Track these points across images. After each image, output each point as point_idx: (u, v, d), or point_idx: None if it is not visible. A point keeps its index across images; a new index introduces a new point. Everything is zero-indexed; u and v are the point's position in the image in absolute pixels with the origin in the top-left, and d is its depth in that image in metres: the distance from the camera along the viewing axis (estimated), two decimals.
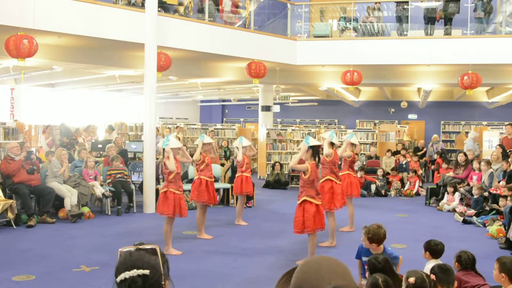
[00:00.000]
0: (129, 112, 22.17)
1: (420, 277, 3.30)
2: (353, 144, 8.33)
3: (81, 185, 9.16)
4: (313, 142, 6.13)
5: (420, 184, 13.03)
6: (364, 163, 13.73)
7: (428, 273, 3.70)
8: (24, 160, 8.68)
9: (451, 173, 11.32)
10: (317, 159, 6.15)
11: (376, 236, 4.39)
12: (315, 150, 6.11)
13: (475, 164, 10.74)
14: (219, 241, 7.53)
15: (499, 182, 9.72)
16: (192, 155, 8.14)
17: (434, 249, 4.49)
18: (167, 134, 14.25)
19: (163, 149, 6.74)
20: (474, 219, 8.98)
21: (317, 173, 6.21)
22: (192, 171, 10.63)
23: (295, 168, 6.18)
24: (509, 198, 8.16)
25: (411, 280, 3.26)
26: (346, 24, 13.60)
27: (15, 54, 8.56)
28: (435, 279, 3.56)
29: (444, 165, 12.31)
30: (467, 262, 4.23)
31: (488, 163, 10.35)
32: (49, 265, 6.12)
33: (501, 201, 8.71)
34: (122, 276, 1.61)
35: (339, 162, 7.89)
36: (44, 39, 9.62)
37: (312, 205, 6.00)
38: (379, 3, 13.35)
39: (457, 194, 10.44)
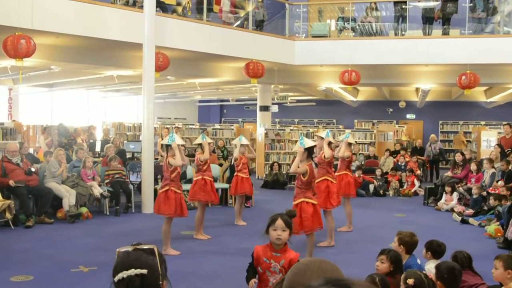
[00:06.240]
0: (127, 112, 22.18)
1: (419, 278, 3.29)
2: (350, 144, 8.35)
3: (79, 185, 9.15)
4: (308, 143, 6.12)
5: (419, 184, 13.03)
6: (363, 162, 13.73)
7: (427, 273, 3.70)
8: (22, 161, 8.66)
9: (449, 173, 11.33)
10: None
11: (410, 242, 4.40)
12: (310, 150, 6.12)
13: (473, 166, 10.74)
14: (217, 241, 7.53)
15: (497, 182, 9.74)
16: (188, 156, 8.11)
17: (436, 249, 4.49)
18: (165, 134, 14.24)
19: (167, 146, 6.65)
20: (471, 220, 8.99)
21: (314, 173, 6.22)
22: (190, 171, 10.62)
23: (296, 172, 6.15)
24: (500, 198, 8.19)
25: (410, 281, 3.25)
26: (344, 24, 13.61)
27: (13, 54, 8.54)
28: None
29: None
30: (463, 262, 4.23)
31: (491, 161, 10.29)
32: (47, 265, 6.12)
33: (491, 200, 8.86)
34: (119, 275, 1.61)
35: (335, 162, 7.91)
36: (42, 39, 9.60)
37: (309, 204, 5.99)
38: (375, 2, 13.35)
39: (455, 194, 10.44)
